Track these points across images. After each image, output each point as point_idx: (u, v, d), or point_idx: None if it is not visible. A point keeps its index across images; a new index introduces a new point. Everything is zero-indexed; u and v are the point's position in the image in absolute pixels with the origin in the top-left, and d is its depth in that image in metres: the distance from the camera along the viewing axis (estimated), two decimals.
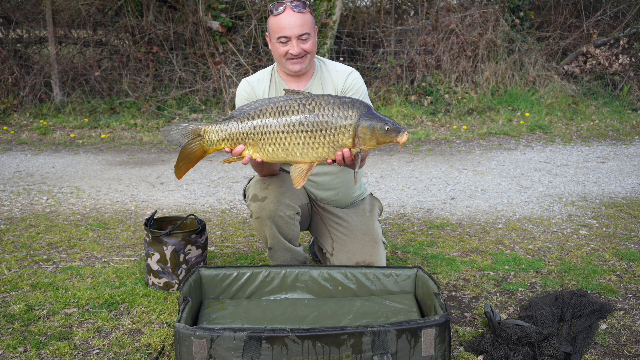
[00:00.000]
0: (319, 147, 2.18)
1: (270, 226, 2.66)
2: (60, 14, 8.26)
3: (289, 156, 2.22)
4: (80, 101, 7.77)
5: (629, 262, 3.25)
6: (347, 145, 2.20)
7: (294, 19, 2.52)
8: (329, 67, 2.76)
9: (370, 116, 2.17)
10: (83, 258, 3.32)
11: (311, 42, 2.57)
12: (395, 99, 7.96)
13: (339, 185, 2.81)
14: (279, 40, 2.55)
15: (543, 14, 9.32)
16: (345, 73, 2.72)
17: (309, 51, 2.58)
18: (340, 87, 2.71)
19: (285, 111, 2.20)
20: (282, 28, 2.53)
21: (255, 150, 2.21)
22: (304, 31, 2.53)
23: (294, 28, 2.52)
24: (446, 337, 2.08)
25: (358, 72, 2.76)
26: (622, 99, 8.49)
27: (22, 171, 5.40)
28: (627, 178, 5.16)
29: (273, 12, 2.56)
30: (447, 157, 6.05)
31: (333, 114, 2.17)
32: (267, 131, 2.21)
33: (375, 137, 2.15)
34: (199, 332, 1.98)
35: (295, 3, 2.54)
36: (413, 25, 8.61)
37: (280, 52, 2.57)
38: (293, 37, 2.53)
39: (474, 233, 3.76)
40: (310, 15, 2.59)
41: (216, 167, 5.63)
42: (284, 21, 2.53)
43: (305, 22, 2.55)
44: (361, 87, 2.73)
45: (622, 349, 2.34)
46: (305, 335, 1.99)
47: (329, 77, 2.73)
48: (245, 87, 2.73)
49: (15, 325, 2.50)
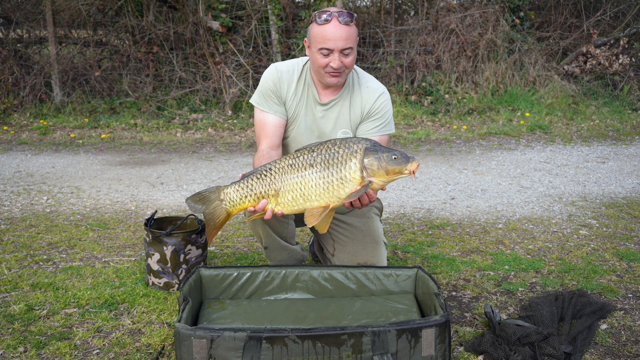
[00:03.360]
0: (329, 186, 2.14)
1: (263, 225, 2.67)
2: (61, 14, 8.26)
3: (307, 201, 2.18)
4: (80, 101, 7.77)
5: (629, 262, 3.25)
6: (356, 180, 2.14)
7: (340, 31, 2.39)
8: (362, 80, 2.65)
9: (377, 148, 2.14)
10: (83, 258, 3.32)
11: (352, 57, 2.47)
12: (395, 99, 7.96)
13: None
14: (320, 51, 2.43)
15: (543, 14, 9.32)
16: (376, 93, 2.62)
17: (348, 66, 2.48)
18: (368, 108, 2.62)
19: (298, 156, 2.19)
20: (326, 40, 2.40)
21: (277, 202, 2.18)
22: (347, 45, 2.42)
23: (339, 41, 2.39)
24: (446, 337, 2.08)
25: (389, 95, 2.68)
26: (622, 99, 8.49)
27: (22, 171, 5.40)
28: (627, 178, 5.16)
29: (317, 20, 2.41)
30: (447, 157, 6.05)
31: (339, 151, 2.15)
32: (284, 178, 2.17)
33: (383, 167, 2.10)
34: (199, 332, 1.98)
35: (342, 14, 2.40)
36: (413, 25, 8.61)
37: (320, 64, 2.46)
38: (336, 50, 2.41)
39: (474, 233, 3.76)
40: (355, 28, 2.46)
41: (216, 167, 5.63)
42: (329, 32, 2.39)
43: (350, 35, 2.43)
44: (388, 111, 2.64)
45: (622, 349, 2.34)
46: (305, 335, 1.99)
47: (358, 93, 2.63)
48: (273, 75, 2.61)
49: (15, 325, 2.50)
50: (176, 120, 7.40)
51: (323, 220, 2.19)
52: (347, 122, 2.63)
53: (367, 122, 2.63)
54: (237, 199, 2.19)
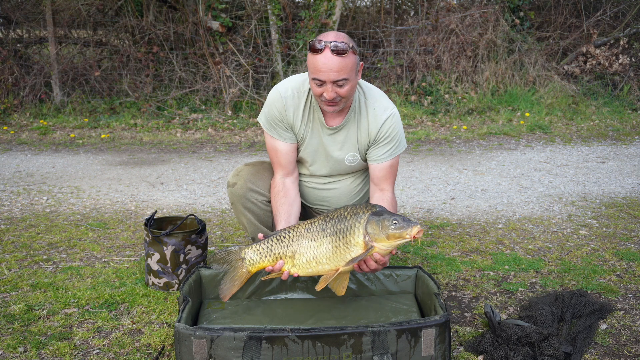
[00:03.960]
0: (337, 250, 2.19)
1: (244, 211, 2.71)
2: (60, 14, 8.26)
3: (319, 264, 2.23)
4: (80, 101, 7.77)
5: (629, 262, 3.25)
6: (360, 245, 2.15)
7: (332, 62, 2.27)
8: (369, 101, 2.56)
9: (381, 213, 2.16)
10: (83, 258, 3.32)
11: (349, 87, 2.35)
12: (395, 99, 7.96)
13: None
14: (313, 81, 2.35)
15: (543, 14, 9.33)
16: (382, 118, 2.53)
17: (344, 96, 2.37)
18: (374, 134, 2.55)
19: (314, 222, 2.25)
20: (317, 71, 2.30)
21: (293, 263, 2.25)
22: (340, 77, 2.30)
23: (330, 73, 2.28)
24: (446, 337, 2.08)
25: (397, 114, 2.57)
26: (622, 99, 8.49)
27: (22, 171, 5.40)
28: (627, 178, 5.16)
29: (311, 48, 2.31)
30: (447, 157, 6.05)
31: (347, 217, 2.19)
32: (300, 242, 2.24)
33: (384, 232, 2.12)
34: (199, 332, 1.98)
35: (335, 45, 2.26)
36: (413, 25, 8.61)
37: (315, 92, 2.39)
38: (328, 81, 2.31)
39: (474, 233, 3.76)
40: (352, 56, 2.31)
41: (216, 167, 5.63)
42: (320, 64, 2.28)
43: (344, 67, 2.29)
44: (397, 134, 2.56)
45: (622, 349, 2.34)
46: (305, 335, 1.99)
47: (365, 116, 2.55)
48: (278, 104, 2.54)
49: (15, 325, 2.50)
50: (176, 120, 7.40)
51: (340, 283, 2.25)
52: (354, 145, 2.60)
53: (377, 147, 2.58)
54: (256, 258, 2.27)
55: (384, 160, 2.57)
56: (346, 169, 2.69)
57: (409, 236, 2.09)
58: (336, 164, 2.65)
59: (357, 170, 2.72)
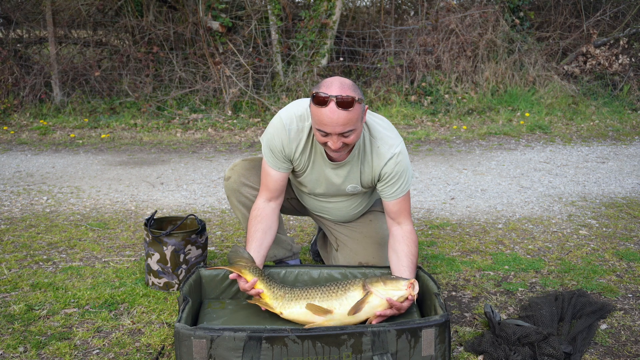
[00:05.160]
0: (331, 293, 2.27)
1: (238, 205, 2.73)
2: (60, 14, 8.26)
3: (309, 298, 2.29)
4: (80, 101, 7.77)
5: (629, 262, 3.26)
6: (359, 287, 2.23)
7: (337, 116, 2.18)
8: (374, 140, 2.47)
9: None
10: (83, 258, 3.32)
11: (354, 136, 2.28)
12: (395, 99, 7.96)
13: (346, 216, 2.83)
14: (318, 131, 2.27)
15: (543, 14, 9.33)
16: (386, 158, 2.46)
17: (350, 143, 2.30)
18: (378, 172, 2.49)
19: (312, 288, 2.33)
20: (322, 124, 2.22)
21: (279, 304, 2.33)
22: (346, 129, 2.22)
23: (336, 127, 2.20)
24: (446, 337, 2.08)
25: (403, 151, 2.48)
26: (622, 99, 8.49)
27: (22, 171, 5.40)
28: (627, 178, 5.17)
29: (314, 100, 2.21)
30: (447, 157, 6.05)
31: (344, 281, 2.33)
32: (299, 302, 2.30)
33: (381, 279, 2.23)
34: (199, 332, 1.98)
35: (340, 99, 2.16)
36: (413, 25, 8.61)
37: (319, 140, 2.31)
38: (334, 133, 2.23)
39: (474, 233, 3.76)
40: (358, 107, 2.22)
41: (216, 167, 5.63)
42: (325, 117, 2.20)
43: (350, 120, 2.20)
44: (403, 172, 2.48)
45: (622, 349, 2.34)
46: (305, 335, 1.99)
47: (369, 156, 2.48)
48: (282, 135, 2.46)
49: (15, 325, 2.50)
50: (176, 120, 7.40)
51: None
52: (357, 179, 2.56)
53: (386, 186, 2.52)
54: (250, 276, 2.38)
55: (396, 197, 2.52)
56: (347, 195, 2.69)
57: (404, 285, 2.21)
58: (338, 190, 2.63)
59: (358, 193, 2.72)
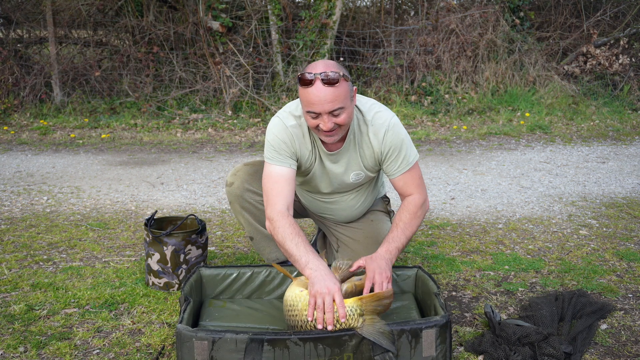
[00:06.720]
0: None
1: (241, 211, 2.72)
2: (61, 14, 8.26)
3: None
4: (80, 101, 7.77)
5: (629, 262, 3.25)
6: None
7: (324, 94, 2.20)
8: (366, 116, 2.46)
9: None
10: (83, 258, 3.32)
11: (345, 115, 2.28)
12: (395, 99, 7.96)
13: (347, 216, 2.84)
14: (308, 114, 2.28)
15: (543, 14, 9.33)
16: (381, 131, 2.44)
17: (343, 124, 2.30)
18: (379, 153, 2.48)
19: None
20: (311, 103, 2.23)
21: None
22: (335, 107, 2.22)
23: (324, 104, 2.21)
24: (447, 338, 2.08)
25: (396, 122, 2.47)
26: (622, 99, 8.49)
27: (23, 171, 5.40)
28: (627, 178, 5.17)
29: (301, 81, 2.24)
30: (447, 157, 6.05)
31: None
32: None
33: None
34: (201, 334, 1.98)
35: (325, 75, 2.19)
36: (413, 25, 8.61)
37: (311, 125, 2.32)
38: (323, 113, 2.24)
39: (474, 233, 3.76)
40: (344, 84, 2.23)
41: (216, 167, 5.63)
42: (312, 96, 2.21)
43: (337, 96, 2.21)
44: (401, 142, 2.46)
45: (622, 349, 2.34)
46: (307, 337, 1.99)
47: (365, 134, 2.46)
48: (286, 132, 2.45)
49: (15, 325, 2.50)
50: (176, 120, 7.40)
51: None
52: (358, 164, 2.55)
53: (388, 163, 2.51)
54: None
55: (402, 172, 2.51)
56: (351, 186, 2.67)
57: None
58: (341, 183, 2.63)
59: (363, 183, 2.71)
